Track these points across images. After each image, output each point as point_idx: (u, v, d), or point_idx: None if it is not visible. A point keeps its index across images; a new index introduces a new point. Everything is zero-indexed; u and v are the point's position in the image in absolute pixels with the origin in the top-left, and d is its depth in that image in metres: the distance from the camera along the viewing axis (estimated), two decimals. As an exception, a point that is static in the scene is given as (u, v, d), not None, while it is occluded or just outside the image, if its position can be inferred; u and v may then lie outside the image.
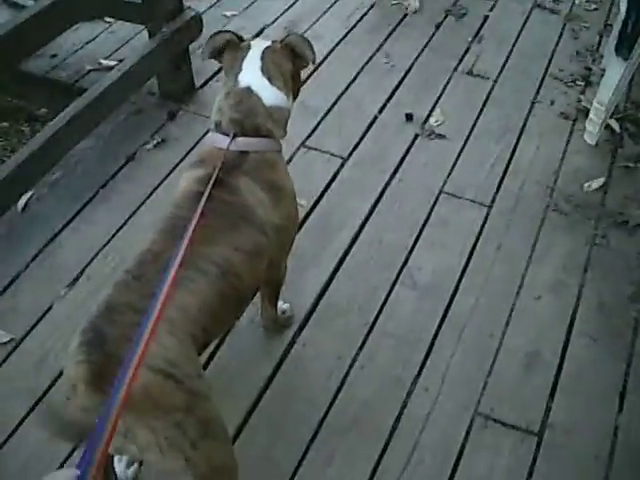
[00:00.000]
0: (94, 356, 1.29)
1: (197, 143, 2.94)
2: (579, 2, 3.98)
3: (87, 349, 1.30)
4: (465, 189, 2.75)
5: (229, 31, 1.88)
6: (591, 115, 2.96)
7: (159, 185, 2.75)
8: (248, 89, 1.73)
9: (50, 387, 2.09)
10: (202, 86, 3.26)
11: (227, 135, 1.67)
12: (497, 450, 2.00)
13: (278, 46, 1.82)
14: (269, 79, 1.75)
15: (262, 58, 1.77)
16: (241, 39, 1.88)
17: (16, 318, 2.31)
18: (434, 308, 2.35)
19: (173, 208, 1.60)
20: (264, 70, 1.75)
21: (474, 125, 3.07)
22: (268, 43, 1.83)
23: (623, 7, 2.75)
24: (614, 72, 2.77)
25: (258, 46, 1.80)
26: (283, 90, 1.78)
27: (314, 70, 3.32)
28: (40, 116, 3.37)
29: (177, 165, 2.84)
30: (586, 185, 2.81)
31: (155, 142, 2.96)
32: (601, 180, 2.83)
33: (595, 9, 3.94)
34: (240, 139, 1.67)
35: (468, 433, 2.04)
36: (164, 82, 3.11)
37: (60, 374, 2.10)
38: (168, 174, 2.81)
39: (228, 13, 3.77)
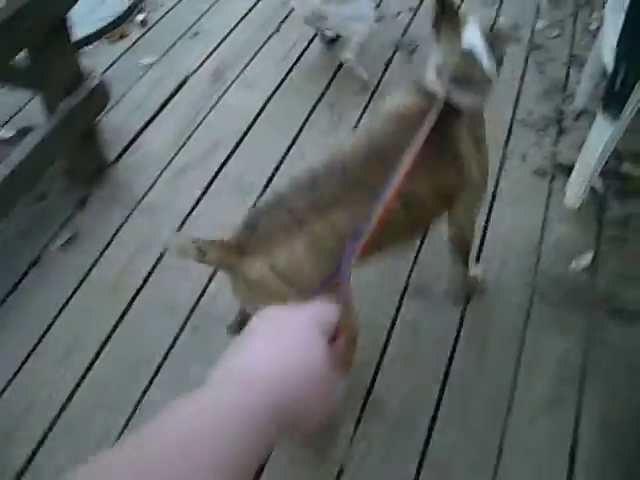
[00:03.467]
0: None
1: (114, 237, 2.53)
2: (540, 28, 3.66)
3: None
4: (434, 282, 2.40)
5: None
6: (573, 177, 2.65)
7: (67, 302, 2.34)
8: (471, 53, 1.79)
9: None
10: (115, 161, 2.84)
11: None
12: None
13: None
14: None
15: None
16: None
17: None
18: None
19: (380, 124, 1.74)
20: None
21: (438, 193, 2.71)
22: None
23: (607, 58, 2.42)
24: (600, 132, 2.45)
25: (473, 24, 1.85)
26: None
27: (247, 131, 2.94)
28: None
29: (91, 269, 2.43)
30: (573, 264, 2.50)
31: (63, 240, 2.55)
32: (589, 256, 2.51)
33: (557, 36, 3.63)
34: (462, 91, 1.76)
35: None
36: (69, 163, 2.69)
37: None
38: (81, 281, 2.41)
39: (144, 61, 3.35)
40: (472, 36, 1.81)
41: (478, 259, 2.49)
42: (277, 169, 2.78)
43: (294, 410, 0.66)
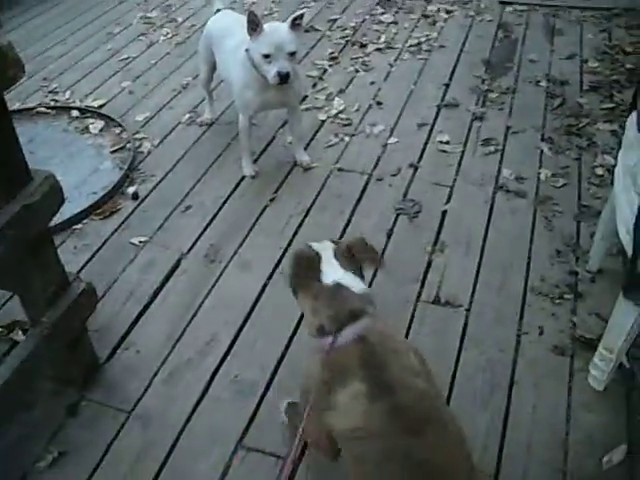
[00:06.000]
0: None
1: (107, 451, 2.41)
2: (544, 178, 3.64)
3: None
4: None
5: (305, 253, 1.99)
6: (597, 360, 2.54)
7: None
8: (337, 285, 1.89)
9: None
10: (108, 359, 2.75)
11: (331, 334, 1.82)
12: None
13: (344, 246, 2.00)
14: (352, 272, 1.95)
15: (336, 258, 1.96)
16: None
17: None
18: None
19: (386, 449, 1.68)
20: (343, 267, 1.94)
21: (453, 380, 2.61)
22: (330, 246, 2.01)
23: (624, 238, 2.34)
24: (624, 316, 2.36)
25: (325, 249, 1.99)
26: (361, 280, 1.98)
27: (245, 320, 2.86)
28: None
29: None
30: (605, 460, 2.35)
31: (52, 457, 2.41)
32: (622, 449, 2.38)
33: (564, 185, 3.59)
34: (350, 328, 1.81)
35: None
36: (57, 369, 2.59)
37: None
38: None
39: (136, 240, 3.31)
40: (332, 270, 1.93)
41: (499, 460, 2.35)
42: (279, 363, 2.68)
43: None
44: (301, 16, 3.20)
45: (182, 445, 2.44)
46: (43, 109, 4.41)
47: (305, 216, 3.43)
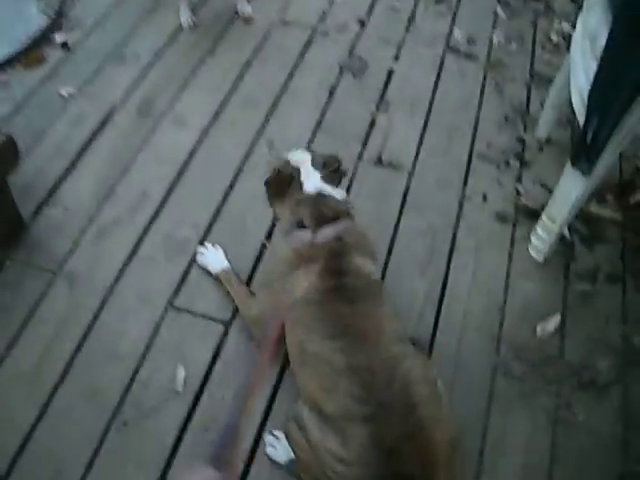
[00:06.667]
0: None
1: (32, 312, 2.30)
2: (497, 42, 3.49)
3: None
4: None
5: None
6: (539, 230, 2.49)
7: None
8: (320, 194, 1.98)
9: None
10: (33, 217, 2.59)
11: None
12: None
13: (320, 160, 2.06)
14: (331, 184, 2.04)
15: (315, 168, 2.04)
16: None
17: None
18: None
19: (320, 312, 1.79)
20: (324, 179, 2.02)
21: (392, 245, 2.55)
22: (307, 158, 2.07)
23: (577, 105, 2.23)
24: (570, 186, 2.29)
25: (303, 161, 2.06)
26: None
27: (178, 177, 2.73)
28: None
29: (7, 353, 2.21)
30: (539, 329, 2.36)
31: (-27, 317, 2.30)
32: (557, 318, 2.38)
33: (517, 50, 3.46)
34: (331, 226, 1.91)
35: None
36: (-23, 225, 2.45)
37: None
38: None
39: (64, 92, 3.08)
40: (312, 182, 2.00)
41: (435, 326, 2.33)
42: (213, 221, 2.58)
43: None
44: None
45: (110, 306, 2.35)
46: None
47: (245, 70, 3.23)
